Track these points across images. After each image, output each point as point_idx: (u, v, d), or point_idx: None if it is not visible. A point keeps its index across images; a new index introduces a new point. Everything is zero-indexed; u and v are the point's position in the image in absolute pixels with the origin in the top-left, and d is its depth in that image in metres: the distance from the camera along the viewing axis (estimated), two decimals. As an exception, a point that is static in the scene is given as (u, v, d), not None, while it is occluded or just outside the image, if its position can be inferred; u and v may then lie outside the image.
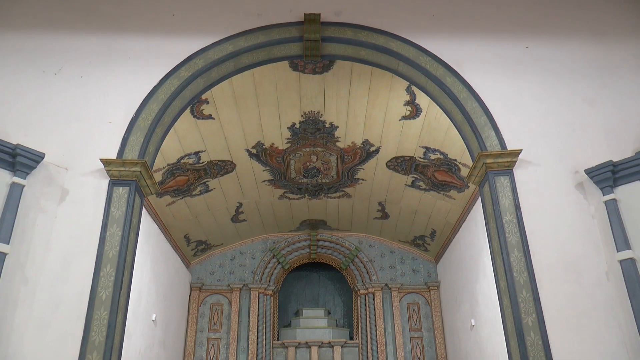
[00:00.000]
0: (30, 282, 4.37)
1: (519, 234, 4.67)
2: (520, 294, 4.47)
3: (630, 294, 4.34)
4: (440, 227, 8.92)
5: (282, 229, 10.09)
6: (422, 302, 9.76)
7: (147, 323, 7.41)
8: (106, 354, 4.22)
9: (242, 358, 9.23)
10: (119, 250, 4.55)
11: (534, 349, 4.30)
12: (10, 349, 4.14)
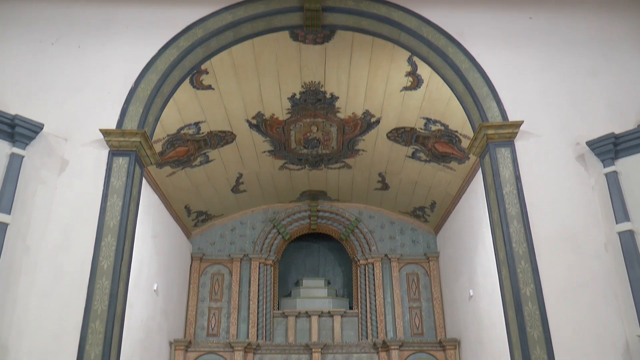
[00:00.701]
0: (32, 251, 4.40)
1: (519, 205, 4.69)
2: (519, 264, 4.51)
3: (628, 266, 4.38)
4: (440, 199, 8.94)
5: (282, 200, 10.12)
6: (421, 272, 9.84)
7: (149, 293, 7.48)
8: (109, 323, 4.27)
9: (242, 327, 9.35)
10: (120, 220, 4.57)
11: (531, 319, 4.35)
12: (15, 317, 4.19)
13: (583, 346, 4.32)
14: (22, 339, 4.19)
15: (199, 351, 8.75)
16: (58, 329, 4.26)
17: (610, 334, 4.35)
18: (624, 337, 4.34)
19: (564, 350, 4.30)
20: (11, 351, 4.11)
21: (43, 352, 4.18)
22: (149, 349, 7.44)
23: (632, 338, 4.28)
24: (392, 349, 8.78)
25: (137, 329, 7.00)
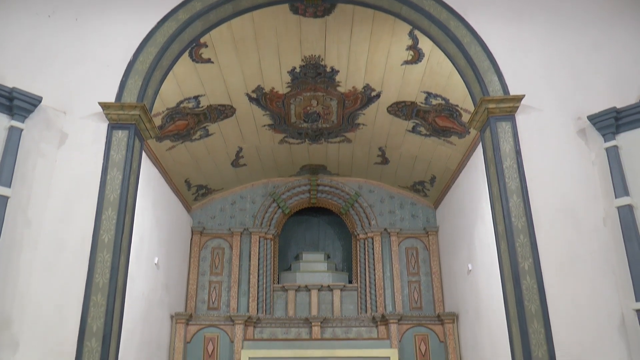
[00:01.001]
0: (33, 225, 4.43)
1: (519, 180, 4.70)
2: (517, 238, 4.53)
3: (626, 240, 4.40)
4: (440, 173, 8.95)
5: (282, 174, 10.12)
6: (421, 247, 9.89)
7: (150, 266, 7.53)
8: (110, 296, 4.32)
9: (243, 301, 9.43)
10: (120, 193, 4.59)
11: (529, 293, 4.39)
12: (18, 290, 4.23)
13: (580, 320, 4.37)
14: (24, 311, 4.23)
15: (200, 324, 8.84)
16: (60, 302, 4.31)
17: (606, 307, 4.40)
18: (620, 311, 4.39)
19: (560, 323, 4.35)
20: (14, 323, 4.16)
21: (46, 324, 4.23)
22: (150, 322, 7.52)
23: (627, 312, 4.33)
24: (390, 323, 8.88)
25: (139, 303, 7.06)
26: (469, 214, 7.91)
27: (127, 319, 5.69)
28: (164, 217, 8.22)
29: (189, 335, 8.72)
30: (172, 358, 8.43)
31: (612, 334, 4.35)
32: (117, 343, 4.45)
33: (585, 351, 4.29)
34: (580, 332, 4.34)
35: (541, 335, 4.33)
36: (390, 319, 8.87)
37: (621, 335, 4.33)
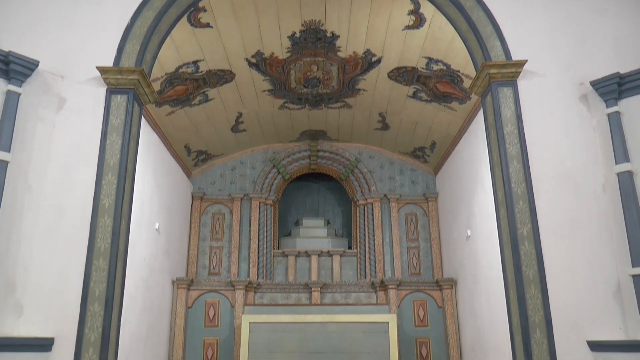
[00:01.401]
0: (34, 190, 4.43)
1: (519, 145, 4.69)
2: (517, 204, 4.55)
3: (625, 206, 4.42)
4: (441, 139, 8.93)
5: (282, 140, 10.10)
6: (420, 213, 9.93)
7: (151, 232, 7.57)
8: (112, 261, 4.35)
9: (243, 266, 9.52)
10: (120, 158, 4.58)
11: (527, 258, 4.43)
12: (21, 255, 4.26)
13: (576, 285, 4.42)
14: (28, 276, 4.27)
15: (201, 290, 8.94)
16: (63, 267, 4.34)
17: (603, 273, 4.44)
18: (617, 277, 4.43)
19: (557, 289, 4.40)
20: (18, 288, 4.20)
21: (49, 289, 4.28)
22: (152, 287, 7.60)
23: (624, 277, 4.37)
24: (389, 289, 8.97)
25: (140, 268, 7.12)
26: (469, 180, 7.92)
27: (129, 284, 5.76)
28: (164, 183, 8.23)
29: (190, 301, 8.82)
30: (174, 323, 8.55)
31: (608, 300, 4.40)
32: (120, 307, 4.51)
33: (581, 316, 4.35)
34: (576, 297, 4.39)
35: (538, 301, 4.38)
36: (389, 284, 8.96)
37: (617, 301, 4.38)
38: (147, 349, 7.38)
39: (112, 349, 4.32)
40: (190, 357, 8.57)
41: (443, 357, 8.74)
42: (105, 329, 4.22)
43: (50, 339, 4.13)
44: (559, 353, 4.27)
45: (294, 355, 7.91)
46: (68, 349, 4.17)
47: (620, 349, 4.18)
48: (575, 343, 4.30)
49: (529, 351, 4.29)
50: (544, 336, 4.31)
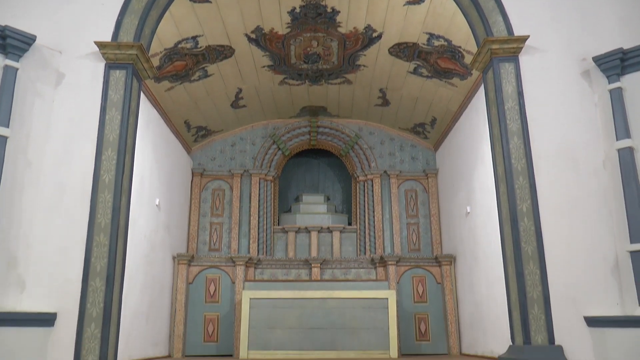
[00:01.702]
0: (34, 166, 4.43)
1: (520, 121, 4.67)
2: (517, 180, 4.55)
3: (625, 183, 4.42)
4: (441, 115, 8.90)
5: (282, 115, 10.06)
6: (420, 189, 9.94)
7: (151, 208, 7.59)
8: (112, 236, 4.36)
9: (243, 242, 9.56)
10: (119, 133, 4.57)
11: (526, 234, 4.44)
12: (22, 230, 4.28)
13: (575, 261, 4.44)
14: (30, 251, 4.29)
15: (202, 265, 8.99)
16: (64, 242, 4.36)
17: (601, 249, 4.46)
18: (615, 252, 4.45)
19: (556, 265, 4.42)
20: (21, 262, 4.22)
21: (51, 264, 4.30)
22: (153, 263, 7.64)
23: (622, 253, 4.39)
24: (389, 265, 9.02)
25: (141, 244, 7.15)
26: (469, 157, 7.92)
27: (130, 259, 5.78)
28: (164, 159, 8.22)
29: (191, 276, 8.88)
30: (175, 298, 8.62)
31: (605, 275, 4.43)
32: (121, 283, 4.54)
33: (579, 292, 4.38)
34: (574, 273, 4.42)
35: (536, 277, 4.41)
36: (388, 260, 9.01)
37: (614, 277, 4.41)
38: (148, 324, 7.45)
39: (114, 324, 4.36)
40: (191, 333, 8.66)
41: (441, 333, 8.83)
42: (107, 304, 4.25)
43: (53, 314, 4.16)
44: (556, 328, 4.31)
45: (294, 330, 7.98)
46: (70, 323, 4.21)
47: (616, 325, 4.22)
48: (573, 319, 4.34)
49: (526, 327, 4.33)
50: (542, 312, 4.35)
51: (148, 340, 7.44)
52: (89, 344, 4.19)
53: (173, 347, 8.42)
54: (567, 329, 4.32)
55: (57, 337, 4.16)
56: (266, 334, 7.92)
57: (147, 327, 7.41)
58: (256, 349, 7.83)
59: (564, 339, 4.30)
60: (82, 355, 4.15)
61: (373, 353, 7.83)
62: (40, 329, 4.13)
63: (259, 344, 7.87)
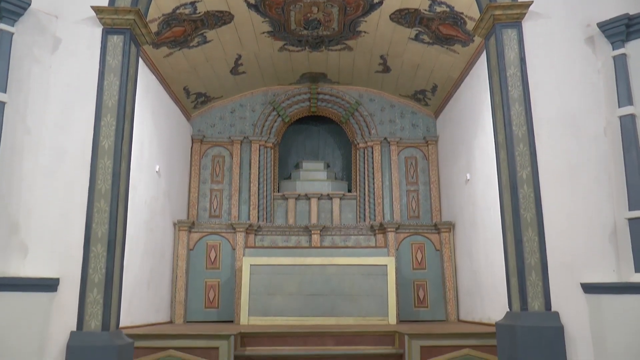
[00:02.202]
0: (33, 131, 4.41)
1: (522, 88, 4.63)
2: (517, 147, 4.54)
3: (625, 150, 4.41)
4: (442, 82, 8.83)
5: (282, 82, 9.99)
6: (420, 156, 9.94)
7: (151, 174, 7.59)
8: (113, 202, 4.37)
9: (243, 209, 9.59)
10: (118, 99, 4.54)
11: (525, 201, 4.45)
12: (23, 196, 4.29)
13: (573, 228, 4.46)
14: (31, 217, 4.31)
15: (202, 232, 9.04)
16: (65, 208, 4.37)
17: (600, 216, 4.48)
18: (613, 220, 4.47)
19: (554, 232, 4.45)
20: (22, 229, 4.24)
21: (52, 230, 4.32)
22: (153, 229, 7.68)
23: (620, 220, 4.41)
24: (388, 232, 9.07)
25: (142, 210, 7.18)
26: (470, 124, 7.89)
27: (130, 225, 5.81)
28: (164, 125, 8.20)
29: (192, 243, 8.94)
30: (176, 265, 8.69)
31: (603, 242, 4.45)
32: (122, 249, 4.57)
33: (576, 259, 4.41)
34: (572, 240, 4.44)
35: (535, 243, 4.43)
36: (388, 227, 9.06)
37: (612, 244, 4.44)
38: (150, 290, 7.53)
39: (116, 290, 4.40)
40: (192, 299, 8.76)
41: (440, 300, 8.93)
42: (108, 270, 4.29)
43: (56, 279, 4.21)
44: (553, 295, 4.36)
45: (294, 297, 8.07)
46: (73, 289, 4.25)
47: (612, 291, 4.26)
48: (569, 285, 4.38)
49: (524, 293, 4.38)
50: (539, 278, 4.39)
51: (150, 306, 7.54)
52: (92, 309, 4.24)
53: (174, 313, 8.53)
54: (563, 296, 4.37)
55: (61, 302, 4.21)
56: (266, 300, 8.01)
57: (149, 293, 7.50)
58: (256, 315, 7.94)
59: (560, 305, 4.35)
60: (85, 321, 4.21)
61: (372, 319, 7.94)
62: (44, 294, 4.18)
63: (259, 310, 7.97)
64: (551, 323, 4.28)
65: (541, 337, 4.22)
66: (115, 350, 4.12)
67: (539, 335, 4.23)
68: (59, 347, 4.13)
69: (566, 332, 4.28)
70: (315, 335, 6.33)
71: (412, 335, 5.92)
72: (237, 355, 5.89)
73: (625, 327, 4.16)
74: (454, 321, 8.66)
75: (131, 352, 4.41)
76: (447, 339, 5.93)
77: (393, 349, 6.18)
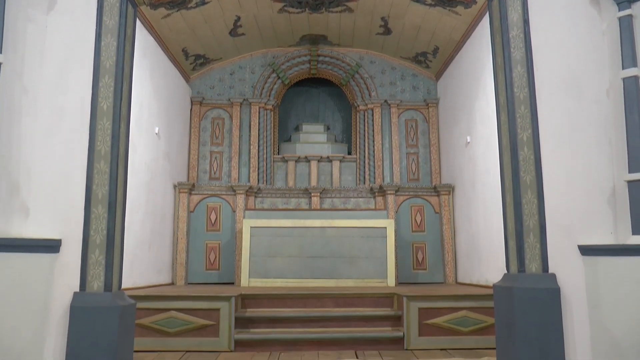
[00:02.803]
0: (30, 92, 4.37)
1: (524, 50, 4.58)
2: (518, 109, 4.51)
3: (627, 112, 4.38)
4: (444, 44, 8.73)
5: (281, 44, 9.87)
6: (420, 119, 9.90)
7: (151, 136, 7.58)
8: (113, 163, 4.37)
9: (243, 171, 9.61)
10: (116, 60, 4.48)
11: (525, 164, 4.45)
12: (22, 157, 4.27)
13: (572, 190, 4.46)
14: (31, 178, 4.30)
15: (203, 194, 9.08)
16: (64, 169, 4.36)
17: (599, 179, 4.48)
18: (612, 182, 4.47)
19: (553, 194, 4.45)
20: (23, 189, 4.25)
21: (53, 190, 4.32)
22: (154, 191, 7.71)
23: (619, 183, 4.41)
24: (388, 194, 9.11)
25: (142, 172, 7.19)
26: (471, 86, 7.83)
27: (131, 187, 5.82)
28: (163, 87, 8.14)
29: (192, 205, 8.98)
30: (177, 227, 8.75)
31: (601, 205, 4.46)
32: (123, 210, 4.58)
33: (574, 221, 4.43)
34: (571, 202, 4.45)
35: (534, 206, 4.44)
36: (387, 190, 9.09)
37: (610, 206, 4.45)
38: (151, 252, 7.60)
39: (118, 251, 4.43)
40: (193, 260, 8.85)
41: (438, 262, 9.02)
42: (109, 231, 4.31)
43: (58, 240, 4.23)
44: (550, 257, 4.39)
45: (294, 259, 8.15)
46: (75, 250, 4.28)
47: (609, 253, 4.29)
48: (567, 247, 4.41)
49: (521, 255, 4.41)
50: (537, 240, 4.41)
51: (151, 268, 7.62)
52: (94, 270, 4.27)
53: (176, 275, 8.63)
54: (560, 258, 4.40)
55: (63, 263, 4.24)
56: (266, 262, 8.09)
57: (150, 255, 7.57)
58: (257, 277, 8.03)
59: (557, 267, 4.39)
60: (88, 281, 4.25)
61: (371, 281, 8.03)
62: (46, 255, 4.21)
63: (259, 272, 8.06)
64: (548, 285, 4.32)
65: (537, 299, 4.27)
66: (118, 311, 4.17)
67: (535, 296, 4.27)
68: (63, 307, 4.18)
69: (562, 293, 4.33)
70: (314, 297, 6.42)
71: (410, 297, 5.99)
72: (238, 316, 5.98)
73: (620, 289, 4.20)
74: (452, 283, 8.77)
75: (133, 313, 4.46)
76: (444, 301, 6.01)
77: (392, 311, 6.27)
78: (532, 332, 4.20)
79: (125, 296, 4.49)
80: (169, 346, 5.72)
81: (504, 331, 4.40)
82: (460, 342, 5.88)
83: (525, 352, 4.16)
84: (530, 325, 4.21)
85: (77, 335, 4.10)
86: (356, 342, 5.91)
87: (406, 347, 5.87)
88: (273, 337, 5.90)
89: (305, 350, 5.84)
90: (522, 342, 4.19)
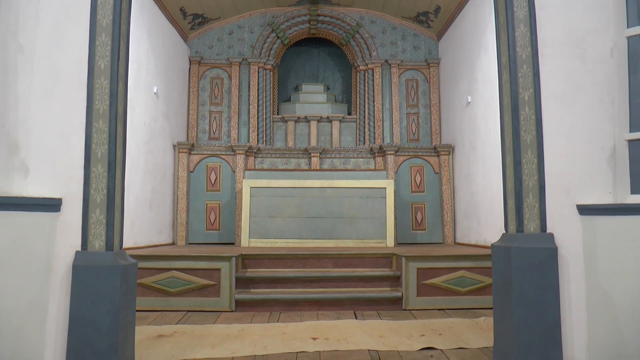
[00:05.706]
0: (26, 51, 4.32)
1: (528, 8, 4.50)
2: (520, 69, 4.46)
3: (631, 71, 4.34)
4: (446, 4, 8.58)
5: (281, 3, 9.70)
6: (421, 79, 9.81)
7: (150, 95, 7.52)
8: (112, 122, 4.35)
9: (243, 131, 9.57)
10: (112, 18, 4.41)
11: (526, 123, 4.43)
12: (20, 116, 4.25)
13: (572, 150, 4.45)
14: (30, 137, 4.29)
15: (202, 154, 9.06)
16: (63, 128, 4.34)
17: (600, 138, 4.46)
18: (613, 141, 4.45)
19: (553, 154, 4.44)
20: (22, 148, 4.24)
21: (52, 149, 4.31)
22: (153, 150, 7.70)
23: (620, 142, 4.40)
24: (388, 154, 9.10)
25: (141, 131, 7.16)
26: (472, 46, 7.74)
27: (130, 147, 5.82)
28: (161, 46, 8.04)
29: (192, 165, 8.98)
30: (177, 187, 8.77)
31: (601, 164, 4.46)
32: (123, 169, 4.58)
33: (574, 181, 4.43)
34: (571, 162, 4.44)
35: (533, 165, 4.44)
36: (387, 150, 9.08)
37: (610, 166, 4.44)
38: (152, 211, 7.64)
39: (119, 210, 4.45)
40: (193, 220, 8.91)
41: (437, 222, 9.08)
42: (110, 191, 4.32)
43: (58, 199, 4.24)
44: (548, 217, 4.41)
45: (294, 219, 8.20)
46: (76, 209, 4.29)
47: (606, 212, 4.31)
48: (565, 207, 4.43)
49: (520, 215, 4.43)
50: (536, 200, 4.42)
51: (152, 228, 7.68)
52: (95, 229, 4.30)
53: (177, 235, 8.69)
54: (559, 217, 4.42)
55: (64, 223, 4.26)
56: (266, 222, 8.15)
57: (151, 215, 7.61)
58: (257, 238, 8.10)
59: (555, 226, 4.41)
60: (89, 241, 4.28)
61: (370, 242, 8.10)
62: (47, 214, 4.22)
63: (259, 232, 8.12)
64: (545, 244, 4.35)
65: (535, 258, 4.30)
66: (119, 270, 4.21)
67: (533, 256, 4.31)
68: (65, 266, 4.22)
69: (560, 253, 4.37)
70: (314, 257, 6.49)
71: (409, 257, 6.06)
72: (238, 276, 6.05)
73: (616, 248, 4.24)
74: (451, 244, 8.84)
75: (135, 272, 4.50)
76: (443, 261, 6.08)
77: (390, 271, 6.34)
78: (529, 291, 4.25)
79: (127, 255, 4.52)
80: (170, 306, 5.81)
81: (501, 291, 4.46)
82: (458, 302, 5.97)
83: (522, 311, 4.22)
84: (527, 284, 4.26)
85: (80, 294, 4.15)
86: (355, 302, 6.00)
87: (404, 307, 5.96)
88: (273, 297, 5.98)
89: (305, 310, 5.93)
90: (518, 301, 4.25)
